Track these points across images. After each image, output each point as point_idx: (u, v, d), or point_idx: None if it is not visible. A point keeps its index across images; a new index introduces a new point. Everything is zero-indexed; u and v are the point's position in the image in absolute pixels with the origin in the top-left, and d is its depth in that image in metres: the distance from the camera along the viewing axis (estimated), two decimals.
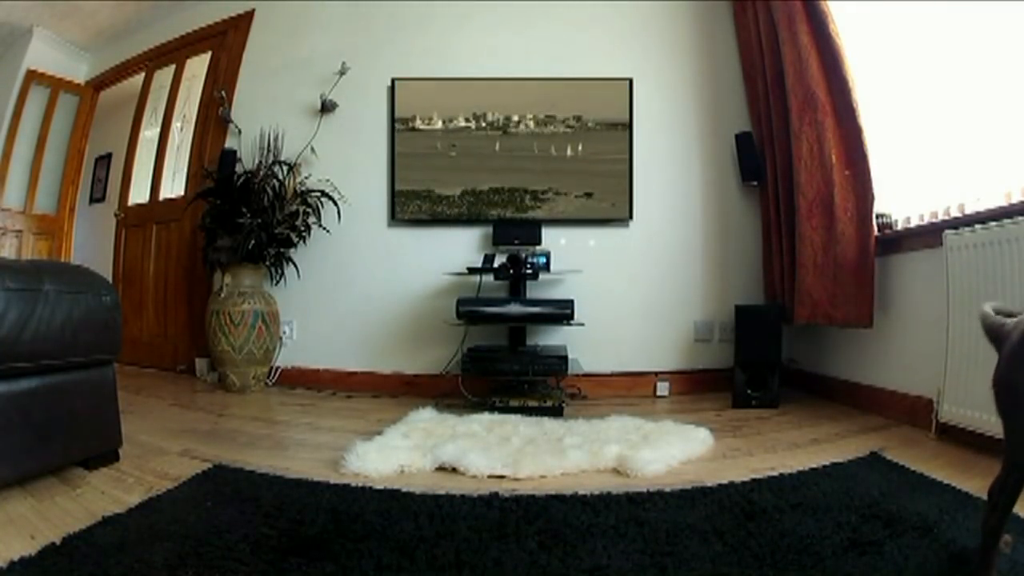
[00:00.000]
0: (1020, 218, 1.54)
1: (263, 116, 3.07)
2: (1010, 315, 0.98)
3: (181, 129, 3.56)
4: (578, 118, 2.35)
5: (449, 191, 2.31)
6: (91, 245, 4.19)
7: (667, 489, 1.35)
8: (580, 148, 2.37)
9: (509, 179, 2.31)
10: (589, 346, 2.70)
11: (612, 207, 2.35)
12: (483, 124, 2.35)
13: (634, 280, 2.89)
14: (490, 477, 1.48)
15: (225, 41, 3.30)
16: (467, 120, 2.27)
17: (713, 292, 2.90)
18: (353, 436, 1.82)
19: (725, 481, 1.42)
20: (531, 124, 2.31)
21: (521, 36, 3.01)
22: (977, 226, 1.69)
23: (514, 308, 2.44)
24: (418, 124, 2.26)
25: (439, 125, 2.26)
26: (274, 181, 2.88)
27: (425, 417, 2.15)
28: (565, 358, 2.38)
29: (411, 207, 2.27)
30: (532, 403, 2.32)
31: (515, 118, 2.35)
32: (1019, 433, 0.86)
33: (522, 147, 2.40)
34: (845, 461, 1.57)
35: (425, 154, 2.26)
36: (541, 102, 2.48)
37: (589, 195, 2.33)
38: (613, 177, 2.36)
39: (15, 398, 1.28)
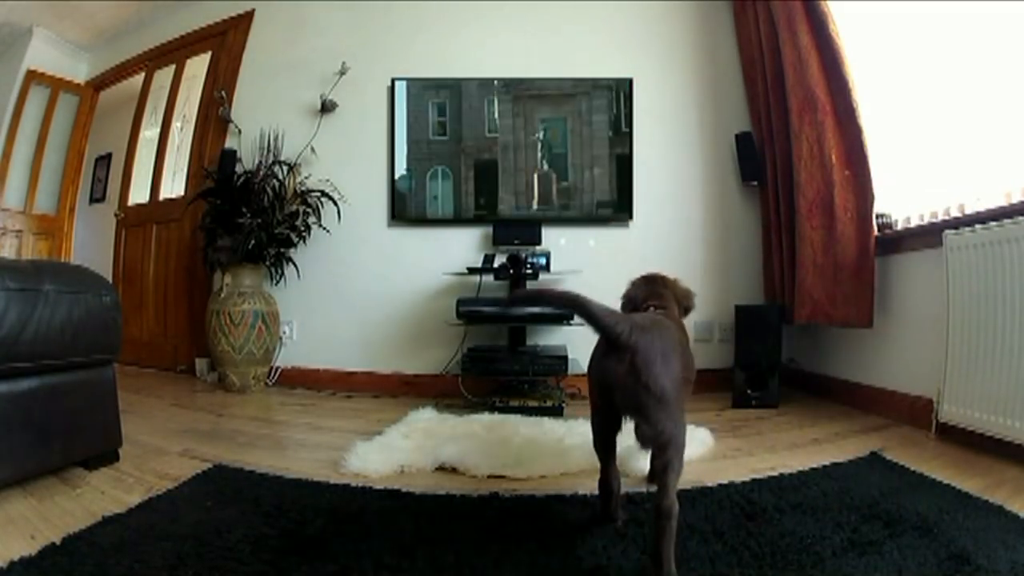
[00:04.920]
0: (1020, 218, 1.54)
1: (263, 116, 3.07)
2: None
3: (181, 129, 3.56)
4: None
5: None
6: (91, 245, 4.19)
7: None
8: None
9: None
10: (589, 346, 2.67)
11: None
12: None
13: None
14: (490, 477, 1.48)
15: (225, 41, 3.30)
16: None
17: (713, 292, 2.90)
18: (353, 436, 1.82)
19: (725, 481, 1.42)
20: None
21: (521, 36, 3.01)
22: (977, 226, 1.68)
23: (514, 308, 2.44)
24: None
25: None
26: (274, 181, 2.88)
27: (425, 417, 2.14)
28: (565, 358, 2.38)
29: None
30: (532, 403, 2.32)
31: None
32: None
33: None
34: (845, 461, 1.57)
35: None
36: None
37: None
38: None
39: (15, 398, 1.28)
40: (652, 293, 1.40)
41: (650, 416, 0.94)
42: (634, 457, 1.52)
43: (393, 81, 2.97)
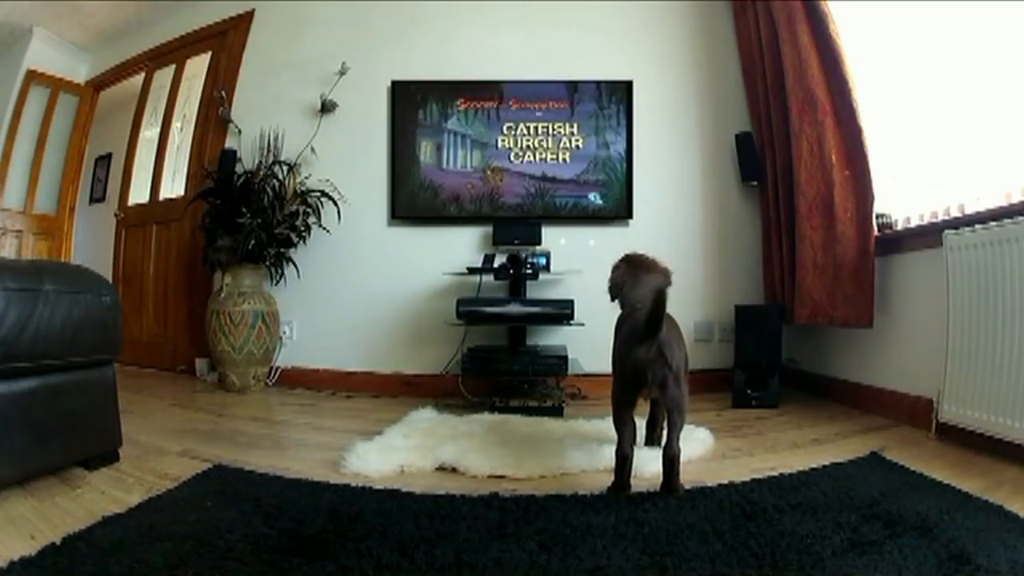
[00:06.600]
0: (1020, 218, 1.54)
1: (263, 116, 3.07)
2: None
3: (181, 129, 3.56)
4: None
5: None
6: (91, 245, 4.19)
7: None
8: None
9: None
10: (589, 346, 2.69)
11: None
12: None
13: None
14: (490, 477, 1.48)
15: (225, 41, 3.30)
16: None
17: (713, 292, 2.90)
18: (353, 436, 1.82)
19: (725, 481, 1.42)
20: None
21: (521, 38, 3.01)
22: (977, 226, 1.68)
23: (514, 308, 2.44)
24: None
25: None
26: (274, 181, 2.88)
27: (425, 417, 2.15)
28: (565, 358, 2.38)
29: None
30: (532, 403, 2.32)
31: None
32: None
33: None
34: (845, 461, 1.57)
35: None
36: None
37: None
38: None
39: (15, 398, 1.28)
40: (636, 280, 1.64)
41: (668, 386, 1.32)
42: (643, 461, 1.52)
43: (393, 82, 2.97)
